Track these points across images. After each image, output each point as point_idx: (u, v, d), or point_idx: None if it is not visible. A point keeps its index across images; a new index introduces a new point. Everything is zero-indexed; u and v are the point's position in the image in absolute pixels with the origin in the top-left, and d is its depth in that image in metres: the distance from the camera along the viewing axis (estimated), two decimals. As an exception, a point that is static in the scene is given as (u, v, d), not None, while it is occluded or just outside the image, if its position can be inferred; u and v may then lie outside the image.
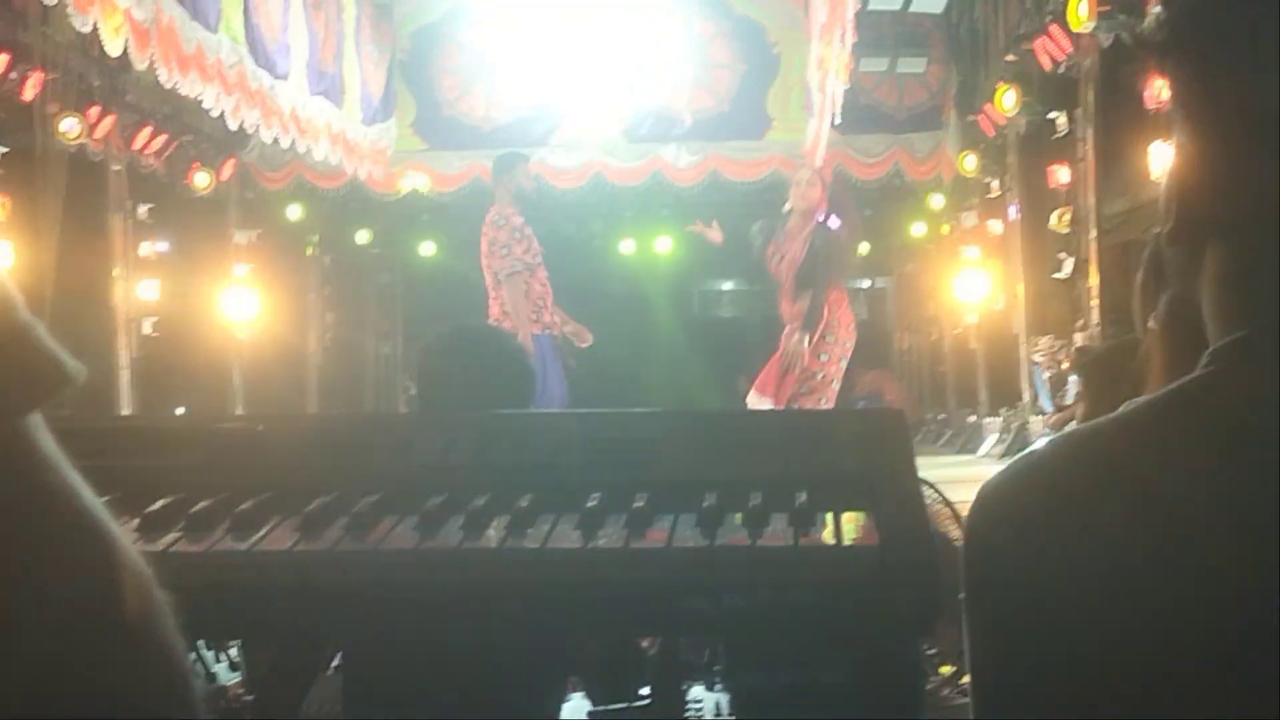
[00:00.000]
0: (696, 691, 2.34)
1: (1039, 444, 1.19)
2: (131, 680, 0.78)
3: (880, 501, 1.64)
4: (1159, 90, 8.30)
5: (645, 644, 2.19)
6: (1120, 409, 1.05)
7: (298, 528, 1.63)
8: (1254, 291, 1.00)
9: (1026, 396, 12.78)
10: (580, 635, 1.98)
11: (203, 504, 1.65)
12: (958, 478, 6.71)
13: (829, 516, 1.63)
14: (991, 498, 1.05)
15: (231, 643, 2.71)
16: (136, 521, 1.61)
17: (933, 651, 3.11)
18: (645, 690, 2.20)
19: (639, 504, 1.64)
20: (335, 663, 2.75)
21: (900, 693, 1.66)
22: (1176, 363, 2.51)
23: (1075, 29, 8.54)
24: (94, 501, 0.79)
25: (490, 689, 2.35)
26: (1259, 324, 0.98)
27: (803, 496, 1.65)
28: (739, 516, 1.63)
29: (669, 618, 1.63)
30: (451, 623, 1.67)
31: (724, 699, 2.30)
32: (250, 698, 2.66)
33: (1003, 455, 12.49)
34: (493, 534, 1.61)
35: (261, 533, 1.63)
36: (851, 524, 1.62)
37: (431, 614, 1.64)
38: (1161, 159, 8.65)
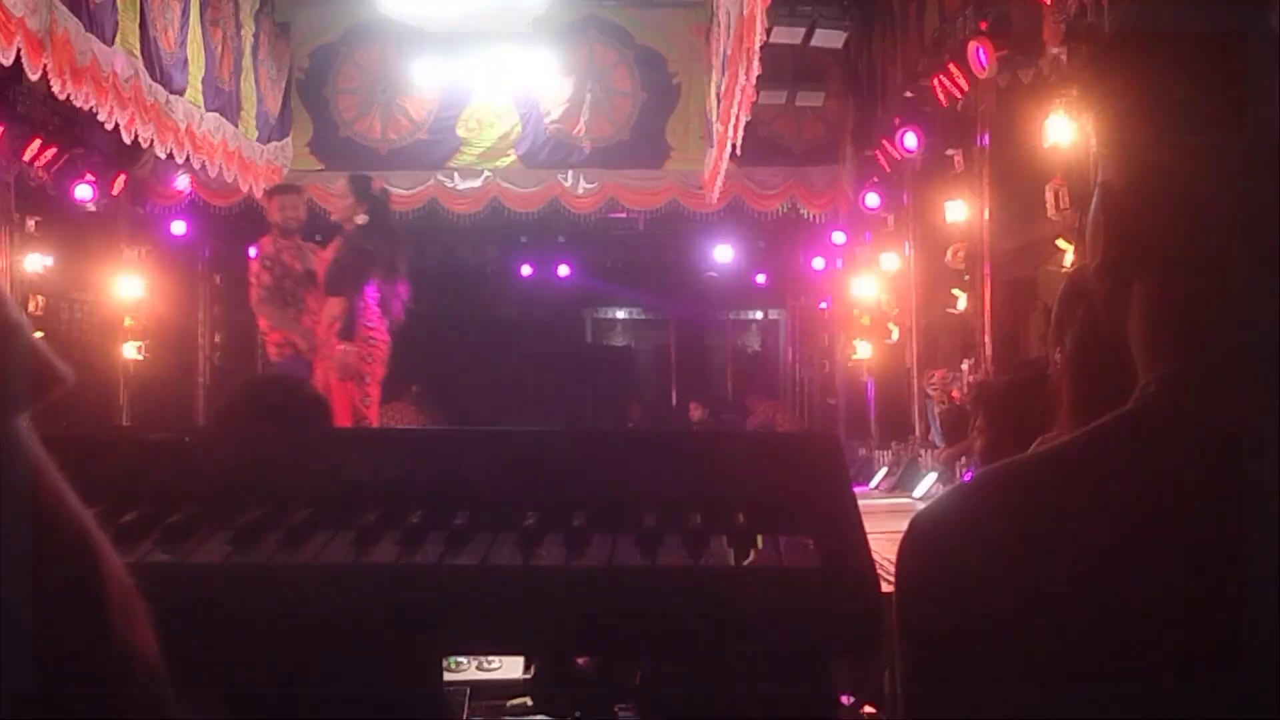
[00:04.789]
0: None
1: (969, 476, 1.19)
2: (112, 687, 0.75)
3: (820, 524, 1.64)
4: (1055, 130, 8.44)
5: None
6: (1049, 442, 1.06)
7: (229, 541, 1.59)
8: (1184, 327, 1.00)
9: (918, 429, 12.90)
10: (520, 654, 1.95)
11: (130, 516, 1.61)
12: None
13: (769, 538, 1.63)
14: (923, 529, 1.05)
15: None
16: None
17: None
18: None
19: (577, 523, 1.63)
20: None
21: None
22: (1083, 396, 2.53)
23: (979, 76, 8.67)
24: (80, 508, 0.77)
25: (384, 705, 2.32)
26: (1191, 359, 0.98)
27: (741, 518, 1.64)
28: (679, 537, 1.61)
29: (609, 639, 1.61)
30: (375, 640, 1.63)
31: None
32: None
33: (892, 488, 12.60)
34: (430, 550, 1.59)
35: (191, 545, 1.58)
36: (790, 546, 1.61)
37: (359, 632, 1.61)
38: (1055, 198, 8.77)
